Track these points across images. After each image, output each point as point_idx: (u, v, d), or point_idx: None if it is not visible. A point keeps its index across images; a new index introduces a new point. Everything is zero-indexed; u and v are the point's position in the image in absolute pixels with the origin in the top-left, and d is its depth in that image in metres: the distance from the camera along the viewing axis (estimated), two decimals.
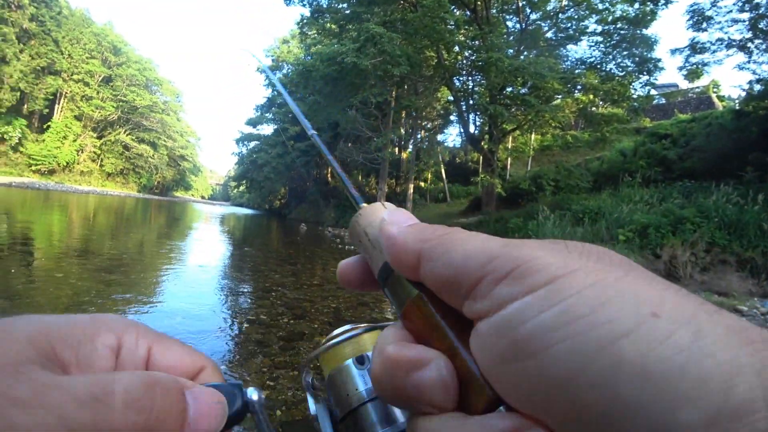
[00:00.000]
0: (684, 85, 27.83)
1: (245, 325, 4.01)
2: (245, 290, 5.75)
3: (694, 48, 13.46)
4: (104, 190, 51.12)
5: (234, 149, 51.79)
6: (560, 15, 17.10)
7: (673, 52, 14.11)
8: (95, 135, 55.27)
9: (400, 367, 0.20)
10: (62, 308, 3.68)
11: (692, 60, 13.68)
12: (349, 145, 26.22)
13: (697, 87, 26.32)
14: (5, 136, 44.46)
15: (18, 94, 45.02)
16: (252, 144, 47.77)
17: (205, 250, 9.45)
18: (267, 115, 44.95)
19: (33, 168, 47.83)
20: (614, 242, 8.30)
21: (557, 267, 0.17)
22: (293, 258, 9.34)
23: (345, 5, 18.43)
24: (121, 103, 55.79)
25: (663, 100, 27.52)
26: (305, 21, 20.25)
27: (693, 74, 14.14)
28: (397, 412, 0.32)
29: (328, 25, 19.90)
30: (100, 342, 0.21)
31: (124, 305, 4.06)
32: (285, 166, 37.67)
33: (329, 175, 36.82)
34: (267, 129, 46.45)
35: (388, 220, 0.24)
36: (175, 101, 66.82)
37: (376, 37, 13.96)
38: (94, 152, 55.56)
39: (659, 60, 14.98)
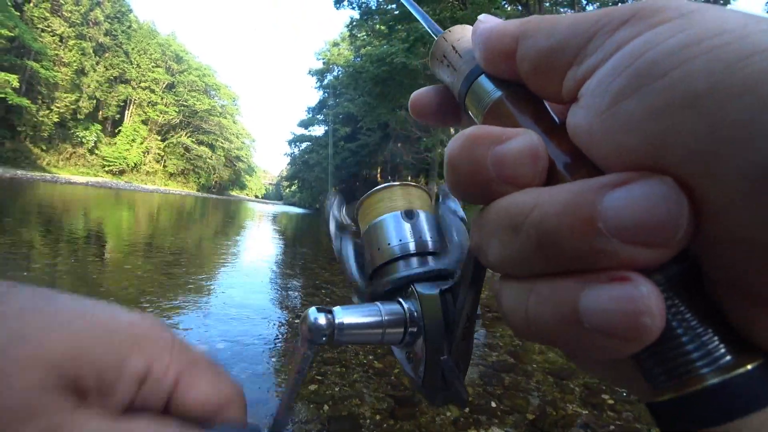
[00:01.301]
0: None
1: (296, 320, 4.10)
2: (296, 286, 5.89)
3: None
4: (167, 189, 54.54)
5: (286, 150, 53.61)
6: (620, 3, 16.20)
7: None
8: (159, 138, 59.21)
9: (483, 141, 0.18)
10: (130, 297, 3.95)
11: None
12: (399, 145, 26.30)
13: None
14: (83, 139, 48.73)
15: (94, 102, 49.21)
16: (303, 145, 49.18)
17: (258, 248, 9.80)
18: (318, 116, 46.11)
19: (106, 168, 52.07)
20: None
21: (689, 4, 0.15)
22: None
23: (394, 6, 18.50)
24: (182, 108, 59.43)
25: None
26: (355, 23, 20.52)
27: None
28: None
29: (378, 26, 20.04)
30: (128, 369, 0.19)
31: (184, 298, 4.29)
32: (335, 167, 38.39)
33: (378, 176, 37.09)
34: (318, 130, 47.74)
35: (483, 20, 0.22)
36: (232, 105, 70.09)
37: (426, 37, 13.89)
38: (158, 154, 59.50)
39: None
